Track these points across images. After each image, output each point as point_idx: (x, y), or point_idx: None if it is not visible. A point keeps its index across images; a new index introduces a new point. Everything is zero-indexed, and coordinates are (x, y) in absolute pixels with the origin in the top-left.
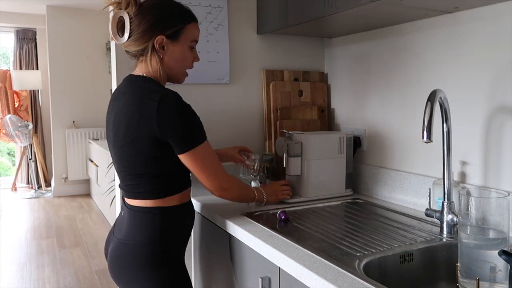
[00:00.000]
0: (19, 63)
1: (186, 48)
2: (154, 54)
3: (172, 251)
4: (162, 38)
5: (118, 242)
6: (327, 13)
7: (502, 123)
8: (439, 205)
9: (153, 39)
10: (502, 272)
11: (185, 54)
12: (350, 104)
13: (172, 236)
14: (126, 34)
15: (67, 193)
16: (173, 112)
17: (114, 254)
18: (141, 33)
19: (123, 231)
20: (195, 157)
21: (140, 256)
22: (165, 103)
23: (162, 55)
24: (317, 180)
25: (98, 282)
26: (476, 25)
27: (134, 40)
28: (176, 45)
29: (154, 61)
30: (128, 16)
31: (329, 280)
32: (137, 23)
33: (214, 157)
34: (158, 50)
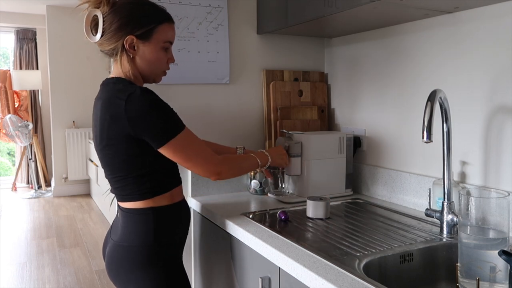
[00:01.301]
0: (19, 63)
1: (158, 49)
2: (124, 54)
3: (168, 251)
4: (132, 38)
5: (114, 244)
6: (327, 13)
7: (502, 123)
8: (439, 205)
9: (123, 38)
10: (502, 272)
11: (157, 55)
12: (350, 104)
13: (166, 236)
14: (99, 32)
15: (67, 193)
16: (142, 108)
17: (110, 256)
18: (112, 32)
19: (118, 233)
20: (174, 149)
21: (135, 258)
22: (132, 100)
23: (133, 55)
24: (317, 180)
25: (98, 282)
26: (476, 25)
27: (106, 39)
28: (148, 46)
29: (125, 61)
30: (102, 15)
31: (329, 280)
32: (109, 22)
33: (195, 143)
34: (128, 50)
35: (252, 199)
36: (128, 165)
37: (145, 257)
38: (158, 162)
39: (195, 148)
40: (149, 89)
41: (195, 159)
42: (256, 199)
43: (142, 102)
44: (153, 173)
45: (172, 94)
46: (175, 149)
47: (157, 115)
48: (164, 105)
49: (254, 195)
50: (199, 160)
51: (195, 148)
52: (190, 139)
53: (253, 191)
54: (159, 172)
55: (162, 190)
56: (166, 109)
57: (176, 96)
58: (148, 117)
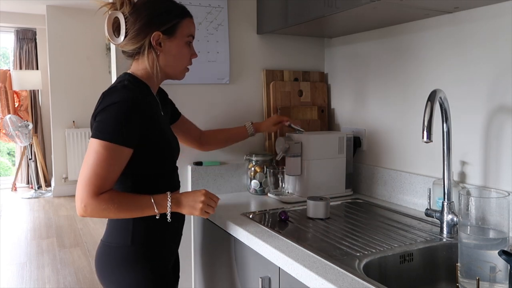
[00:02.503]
0: (19, 63)
1: (183, 43)
2: (151, 52)
3: (147, 253)
4: (159, 34)
5: (101, 242)
6: (327, 13)
7: (502, 123)
8: (439, 205)
9: (149, 36)
10: (502, 272)
11: (182, 50)
12: (350, 104)
13: (145, 238)
14: (122, 34)
15: (67, 193)
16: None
17: (97, 255)
18: (136, 31)
19: (105, 232)
20: (89, 147)
21: (116, 257)
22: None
23: (159, 52)
24: (317, 180)
25: (98, 282)
26: (476, 25)
27: (130, 39)
28: (173, 41)
29: (151, 58)
30: (123, 16)
31: (329, 280)
32: (132, 21)
33: (105, 163)
34: (155, 46)
35: (252, 199)
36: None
37: (123, 258)
38: (143, 166)
39: (94, 167)
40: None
41: (83, 174)
42: (256, 199)
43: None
44: (136, 175)
45: (172, 94)
46: (89, 148)
47: (111, 115)
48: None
49: (254, 195)
50: (83, 178)
51: (94, 167)
52: (107, 155)
53: (253, 191)
54: (143, 175)
55: (144, 192)
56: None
57: (176, 96)
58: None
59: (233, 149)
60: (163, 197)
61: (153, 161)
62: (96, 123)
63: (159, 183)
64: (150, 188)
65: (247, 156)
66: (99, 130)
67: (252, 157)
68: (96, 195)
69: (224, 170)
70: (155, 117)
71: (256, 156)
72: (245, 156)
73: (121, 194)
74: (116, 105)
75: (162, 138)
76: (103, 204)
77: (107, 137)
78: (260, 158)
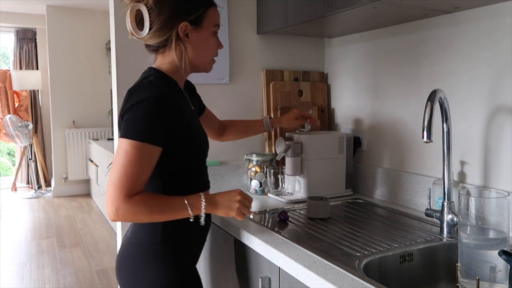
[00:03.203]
0: (19, 63)
1: (210, 33)
2: (179, 44)
3: (177, 252)
4: (186, 25)
5: (126, 239)
6: (327, 13)
7: (502, 123)
8: (439, 205)
9: (176, 27)
10: (502, 272)
11: (210, 40)
12: (350, 104)
13: (175, 237)
14: (146, 27)
15: (67, 193)
16: (135, 102)
17: (122, 252)
18: (162, 22)
19: (130, 229)
20: (118, 147)
21: (144, 255)
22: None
23: (187, 44)
24: (317, 180)
25: (98, 282)
26: (476, 25)
27: (155, 31)
28: (200, 32)
29: (179, 51)
30: (146, 8)
31: (329, 280)
32: (156, 13)
33: (136, 164)
34: (182, 38)
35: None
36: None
37: (153, 255)
38: (172, 164)
39: (124, 168)
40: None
41: (113, 176)
42: (256, 199)
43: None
44: (166, 174)
45: None
46: (118, 148)
47: (140, 113)
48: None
49: (254, 195)
50: (114, 180)
51: (124, 168)
52: (131, 155)
53: (253, 191)
54: (173, 174)
55: (175, 192)
56: (152, 116)
57: None
58: (133, 110)
59: (233, 149)
60: (197, 198)
61: (183, 158)
62: (124, 122)
63: (190, 181)
64: (181, 187)
65: (247, 156)
66: (127, 129)
67: (252, 157)
68: (127, 197)
69: (224, 170)
70: (184, 112)
71: (256, 156)
72: (245, 156)
73: (153, 196)
74: (143, 102)
75: (192, 134)
76: (136, 207)
77: (137, 136)
78: (260, 158)
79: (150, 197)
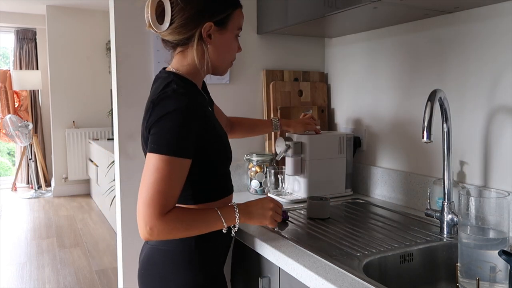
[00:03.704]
0: (19, 63)
1: (233, 36)
2: (201, 44)
3: (206, 257)
4: (211, 25)
5: (151, 248)
6: (327, 13)
7: (502, 123)
8: (439, 205)
9: (200, 26)
10: (502, 272)
11: (232, 43)
12: (350, 104)
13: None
14: (167, 21)
15: (67, 193)
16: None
17: (147, 260)
18: (185, 19)
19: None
20: (147, 163)
21: (173, 260)
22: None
23: (209, 45)
24: (317, 180)
25: (98, 282)
26: (476, 25)
27: (176, 28)
28: (224, 34)
29: (200, 51)
30: (170, 1)
31: (329, 280)
32: (181, 8)
33: (168, 179)
34: (205, 38)
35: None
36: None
37: (182, 262)
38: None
39: (156, 184)
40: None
41: (143, 194)
42: None
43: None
44: (196, 183)
45: None
46: (147, 163)
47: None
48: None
49: (254, 195)
50: (145, 198)
51: (156, 184)
52: (168, 170)
53: (253, 191)
54: (200, 182)
55: (204, 199)
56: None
57: None
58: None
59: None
60: (230, 209)
61: (214, 164)
62: (152, 136)
63: (219, 187)
64: (210, 194)
65: (247, 156)
66: (156, 143)
67: (252, 157)
68: (162, 215)
69: None
70: (209, 117)
71: (256, 156)
72: (245, 156)
73: (187, 211)
74: (172, 114)
75: (218, 139)
76: (171, 224)
77: (167, 151)
78: (260, 158)
79: (184, 213)
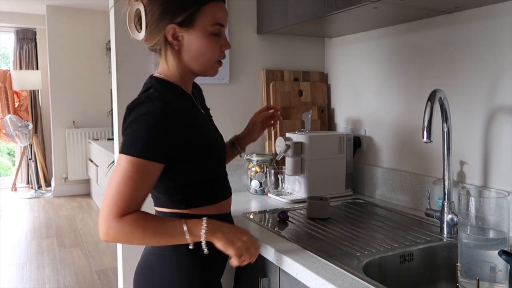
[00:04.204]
0: (19, 63)
1: (206, 35)
2: (169, 48)
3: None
4: (174, 28)
5: (146, 251)
6: (327, 13)
7: (502, 123)
8: (439, 205)
9: (164, 30)
10: (502, 272)
11: (206, 42)
12: (350, 104)
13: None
14: (143, 27)
15: (67, 193)
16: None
17: (142, 262)
18: (153, 24)
19: None
20: (116, 164)
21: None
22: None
23: (178, 48)
24: (317, 180)
25: (98, 282)
26: (476, 25)
27: (149, 33)
28: (193, 34)
29: (170, 56)
30: (143, 6)
31: (329, 280)
32: (150, 12)
33: (130, 180)
34: (171, 41)
35: (252, 199)
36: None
37: (177, 266)
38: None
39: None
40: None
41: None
42: (256, 199)
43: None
44: (186, 187)
45: None
46: (116, 164)
47: (139, 127)
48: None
49: (254, 195)
50: (107, 197)
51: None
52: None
53: (253, 191)
54: (190, 186)
55: (197, 203)
56: (152, 131)
57: None
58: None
59: None
60: (198, 224)
61: (203, 168)
62: (123, 137)
63: (212, 191)
64: (202, 198)
65: (247, 156)
66: (124, 144)
67: (252, 157)
68: (120, 216)
69: None
70: (195, 119)
71: (256, 156)
72: (245, 156)
73: (149, 218)
74: (144, 117)
75: (208, 141)
76: (127, 227)
77: (133, 152)
78: (260, 158)
79: (145, 218)
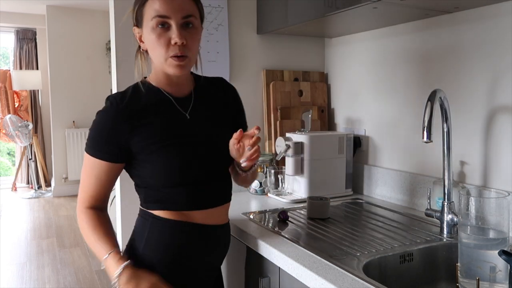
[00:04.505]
0: (19, 63)
1: (149, 30)
2: (139, 51)
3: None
4: (135, 29)
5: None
6: (327, 13)
7: (502, 123)
8: (439, 205)
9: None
10: (502, 272)
11: (151, 37)
12: (350, 104)
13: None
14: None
15: (67, 193)
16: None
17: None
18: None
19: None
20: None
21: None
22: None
23: (146, 48)
24: (317, 180)
25: (98, 282)
26: (476, 25)
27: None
28: (144, 31)
29: (143, 57)
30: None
31: (329, 280)
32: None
33: (89, 174)
34: (140, 44)
35: (252, 199)
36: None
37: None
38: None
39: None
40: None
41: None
42: (256, 199)
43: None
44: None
45: None
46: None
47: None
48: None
49: (254, 195)
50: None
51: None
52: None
53: (253, 191)
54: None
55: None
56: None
57: None
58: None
59: None
60: (115, 266)
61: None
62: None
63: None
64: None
65: None
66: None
67: None
68: (82, 207)
69: None
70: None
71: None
72: None
73: (94, 223)
74: (96, 116)
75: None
76: (79, 221)
77: (86, 149)
78: (260, 158)
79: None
